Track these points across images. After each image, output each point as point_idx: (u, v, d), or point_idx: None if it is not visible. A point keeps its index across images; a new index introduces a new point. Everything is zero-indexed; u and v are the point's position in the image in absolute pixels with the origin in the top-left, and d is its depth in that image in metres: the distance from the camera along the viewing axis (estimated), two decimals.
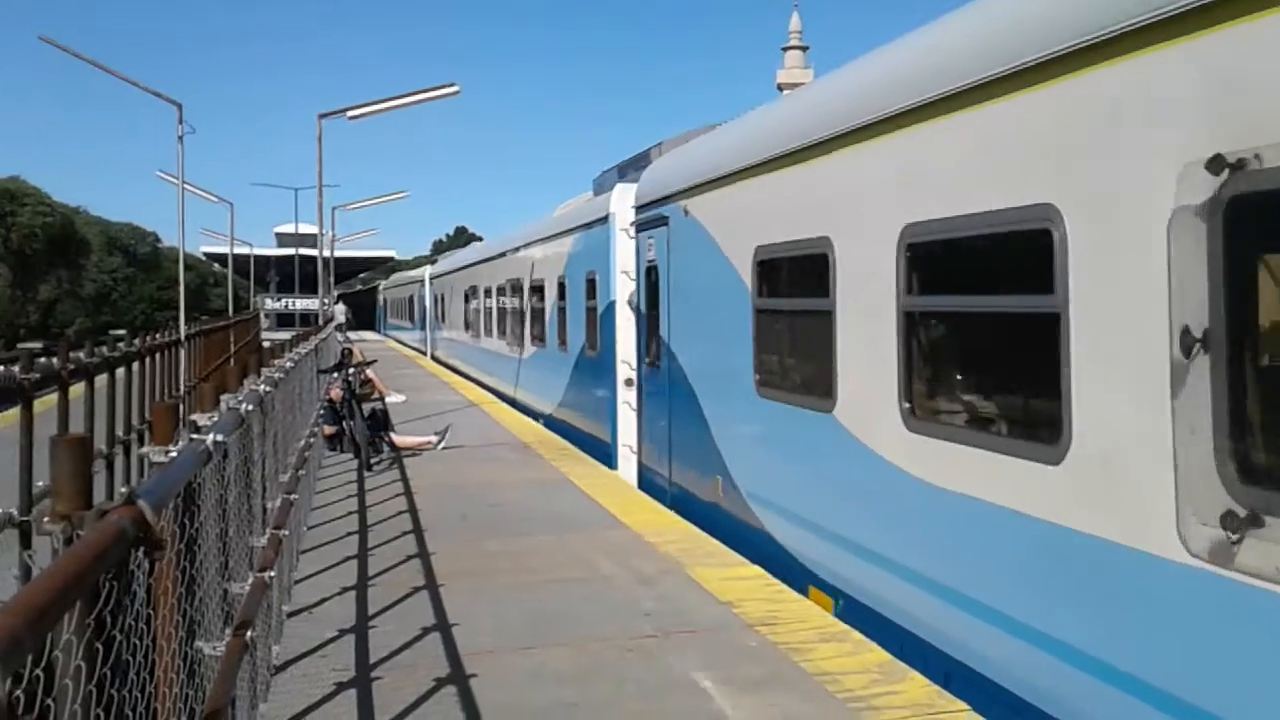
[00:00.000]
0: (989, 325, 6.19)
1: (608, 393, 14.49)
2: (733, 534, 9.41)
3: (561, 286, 17.66)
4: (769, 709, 5.62)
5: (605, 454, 14.47)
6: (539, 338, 20.01)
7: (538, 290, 19.95)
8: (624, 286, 13.87)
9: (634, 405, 13.62)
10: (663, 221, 12.00)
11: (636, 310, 13.45)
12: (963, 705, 5.59)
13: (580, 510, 10.92)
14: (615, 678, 6.15)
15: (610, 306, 14.35)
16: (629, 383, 13.80)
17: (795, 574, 8.10)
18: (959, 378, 6.82)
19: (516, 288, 22.24)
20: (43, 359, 9.37)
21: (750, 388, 9.23)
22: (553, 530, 10.02)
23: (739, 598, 7.60)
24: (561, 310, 17.73)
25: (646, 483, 12.87)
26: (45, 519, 2.32)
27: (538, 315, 20.08)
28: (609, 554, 9.02)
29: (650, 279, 12.74)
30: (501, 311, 24.37)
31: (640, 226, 13.15)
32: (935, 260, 6.54)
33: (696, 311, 11.06)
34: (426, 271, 44.52)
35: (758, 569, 8.38)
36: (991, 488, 5.72)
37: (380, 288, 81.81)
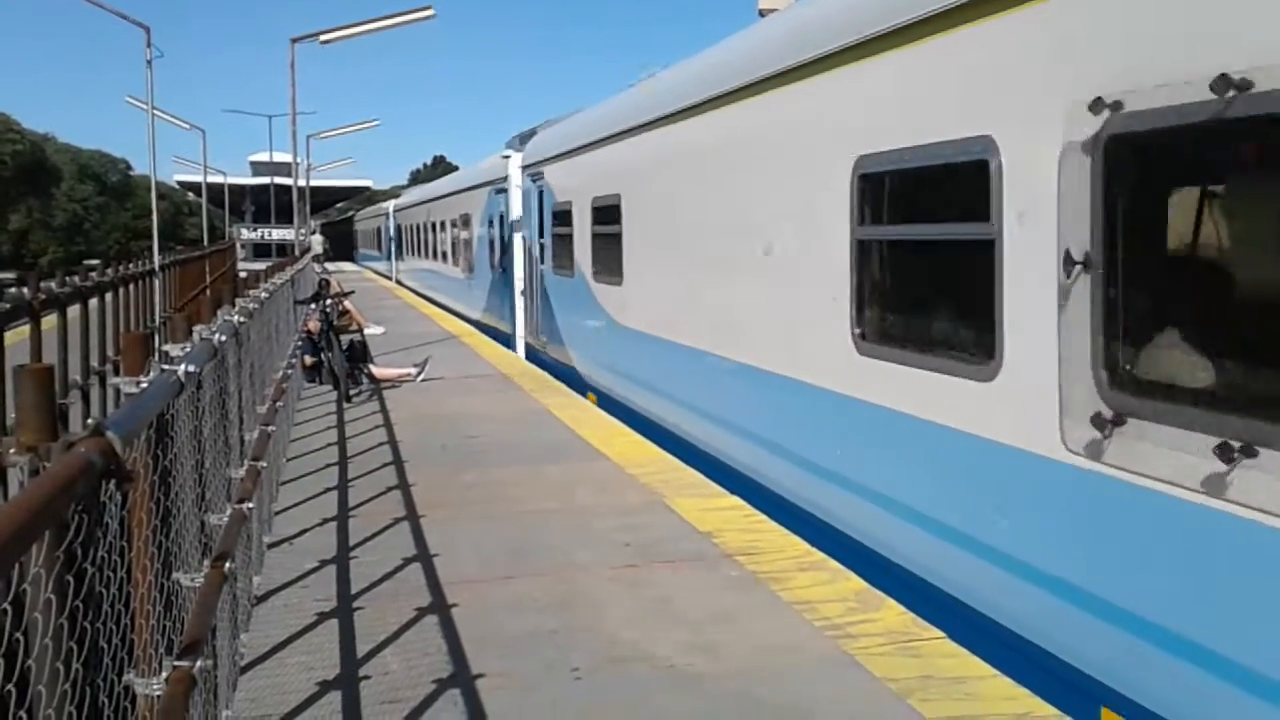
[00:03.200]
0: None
1: None
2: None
3: None
4: (749, 638, 5.69)
5: None
6: None
7: None
8: None
9: None
10: None
11: None
12: (938, 633, 5.67)
13: (560, 441, 10.93)
14: (596, 606, 6.19)
15: None
16: None
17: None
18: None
19: None
20: (14, 289, 9.24)
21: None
22: (533, 461, 10.03)
23: (718, 528, 7.66)
24: None
25: None
26: (11, 451, 2.27)
27: None
28: (589, 485, 9.05)
29: None
30: None
31: None
32: None
33: None
34: (513, 167, 20.26)
35: (737, 500, 8.44)
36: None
37: (388, 211, 52.76)
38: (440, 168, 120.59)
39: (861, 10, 6.93)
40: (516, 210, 19.77)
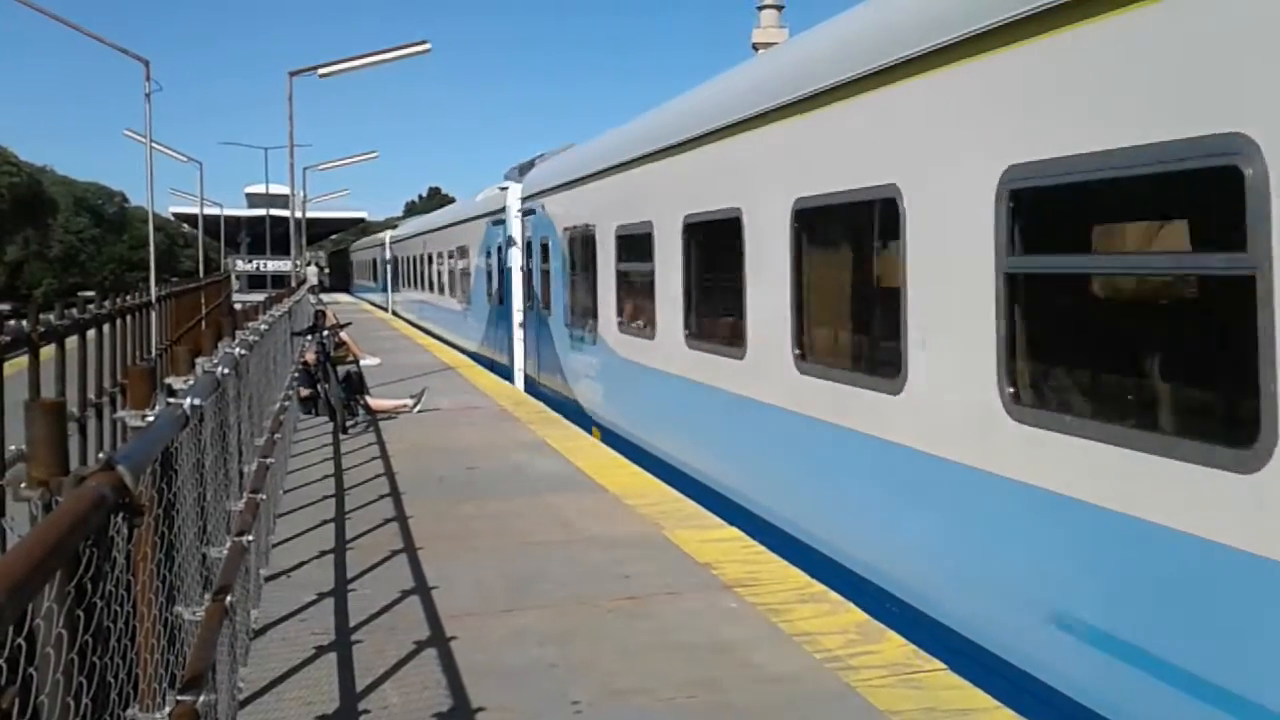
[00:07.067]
0: None
1: None
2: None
3: None
4: (748, 671, 5.67)
5: None
6: None
7: None
8: None
9: None
10: None
11: None
12: (939, 664, 5.66)
13: (558, 473, 10.92)
14: (595, 639, 6.17)
15: None
16: None
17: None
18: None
19: None
20: (12, 321, 9.23)
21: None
22: (531, 493, 10.02)
23: (717, 559, 7.64)
24: None
25: None
26: (22, 485, 2.28)
27: None
28: (587, 517, 9.04)
29: None
30: None
31: None
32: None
33: None
34: None
35: (736, 531, 8.43)
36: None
37: (466, 214, 26.02)
38: (435, 199, 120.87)
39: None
40: None
